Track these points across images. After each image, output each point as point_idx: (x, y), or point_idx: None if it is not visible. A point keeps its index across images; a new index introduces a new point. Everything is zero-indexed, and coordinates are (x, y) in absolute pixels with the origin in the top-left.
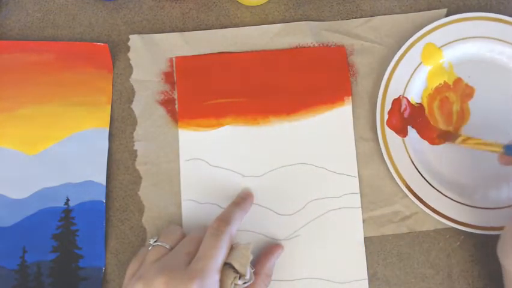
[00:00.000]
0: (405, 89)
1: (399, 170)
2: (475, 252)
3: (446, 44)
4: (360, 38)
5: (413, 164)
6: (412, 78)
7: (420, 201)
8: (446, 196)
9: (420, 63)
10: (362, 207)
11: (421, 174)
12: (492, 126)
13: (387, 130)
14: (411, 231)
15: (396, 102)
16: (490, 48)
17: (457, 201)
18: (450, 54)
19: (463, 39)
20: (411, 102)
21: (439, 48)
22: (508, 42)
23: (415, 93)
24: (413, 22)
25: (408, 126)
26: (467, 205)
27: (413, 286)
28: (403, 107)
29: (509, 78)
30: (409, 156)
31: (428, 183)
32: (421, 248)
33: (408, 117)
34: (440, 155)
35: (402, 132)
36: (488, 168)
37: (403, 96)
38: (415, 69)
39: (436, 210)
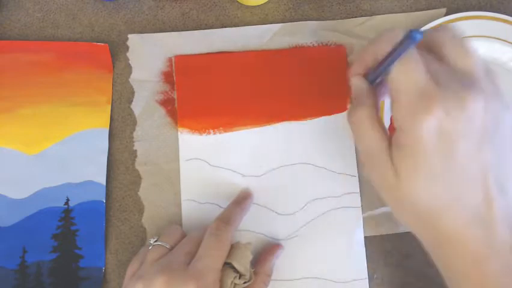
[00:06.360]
0: None
1: None
2: None
3: None
4: (360, 38)
5: None
6: None
7: None
8: None
9: None
10: (362, 206)
11: None
12: None
13: (387, 130)
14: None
15: None
16: (479, 47)
17: None
18: None
19: None
20: None
21: None
22: (503, 40)
23: None
24: (412, 21)
25: None
26: None
27: (413, 286)
28: None
29: (502, 74)
30: None
31: None
32: (421, 248)
33: None
34: None
35: None
36: None
37: None
38: None
39: None
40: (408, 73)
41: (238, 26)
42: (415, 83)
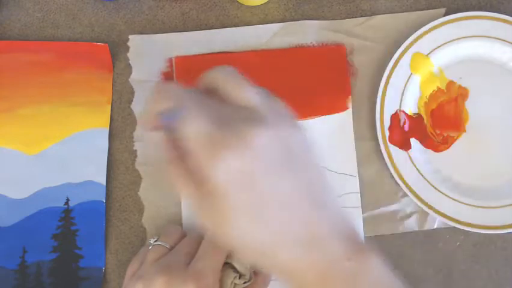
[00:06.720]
0: (400, 102)
1: (399, 169)
2: (475, 252)
3: (433, 50)
4: (360, 37)
5: (413, 163)
6: (406, 90)
7: (420, 201)
8: (446, 195)
9: (411, 74)
10: (362, 206)
11: (421, 174)
12: (493, 121)
13: (387, 130)
14: (411, 230)
15: (395, 117)
16: (479, 47)
17: (458, 201)
18: (438, 60)
19: (450, 42)
20: (409, 114)
21: (427, 56)
22: (503, 40)
23: (411, 104)
24: (412, 21)
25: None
26: (467, 204)
27: (413, 286)
28: (402, 121)
29: (503, 74)
30: (409, 156)
31: (428, 182)
32: (421, 248)
33: (409, 130)
34: (445, 160)
35: (405, 146)
36: (491, 167)
37: (400, 110)
38: (407, 81)
39: (436, 210)
40: (191, 124)
41: (238, 26)
42: (199, 132)
